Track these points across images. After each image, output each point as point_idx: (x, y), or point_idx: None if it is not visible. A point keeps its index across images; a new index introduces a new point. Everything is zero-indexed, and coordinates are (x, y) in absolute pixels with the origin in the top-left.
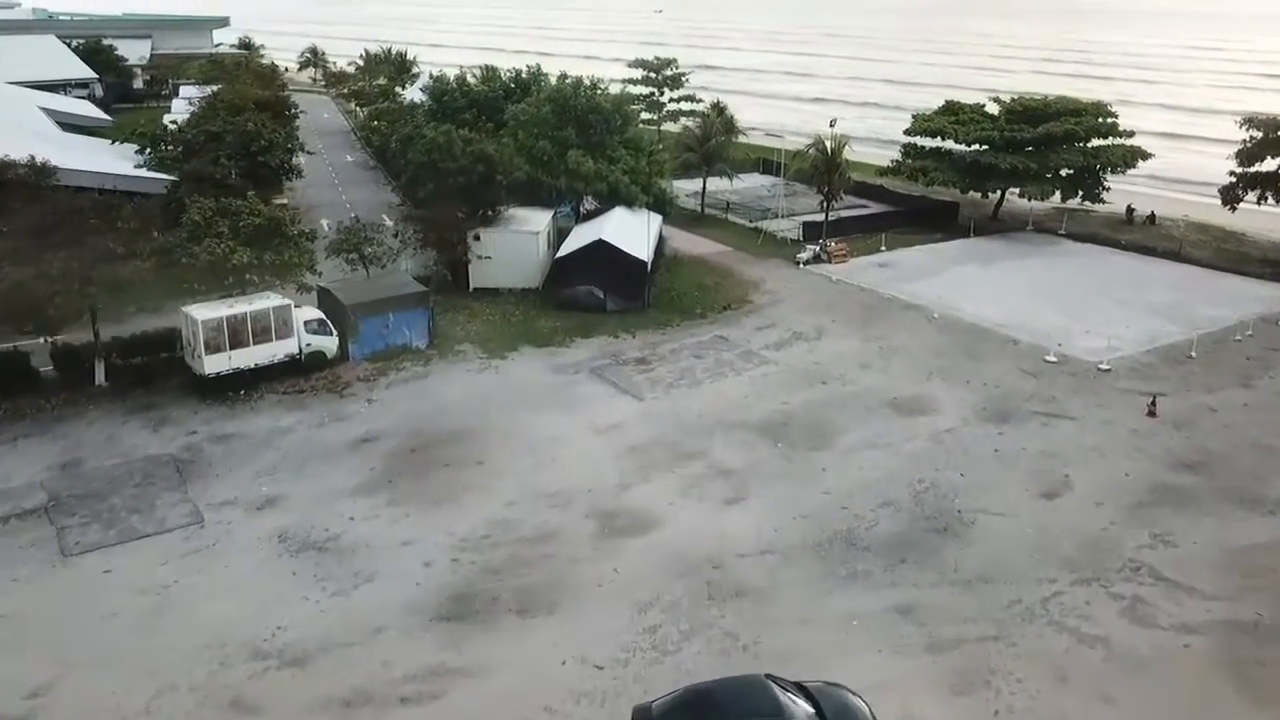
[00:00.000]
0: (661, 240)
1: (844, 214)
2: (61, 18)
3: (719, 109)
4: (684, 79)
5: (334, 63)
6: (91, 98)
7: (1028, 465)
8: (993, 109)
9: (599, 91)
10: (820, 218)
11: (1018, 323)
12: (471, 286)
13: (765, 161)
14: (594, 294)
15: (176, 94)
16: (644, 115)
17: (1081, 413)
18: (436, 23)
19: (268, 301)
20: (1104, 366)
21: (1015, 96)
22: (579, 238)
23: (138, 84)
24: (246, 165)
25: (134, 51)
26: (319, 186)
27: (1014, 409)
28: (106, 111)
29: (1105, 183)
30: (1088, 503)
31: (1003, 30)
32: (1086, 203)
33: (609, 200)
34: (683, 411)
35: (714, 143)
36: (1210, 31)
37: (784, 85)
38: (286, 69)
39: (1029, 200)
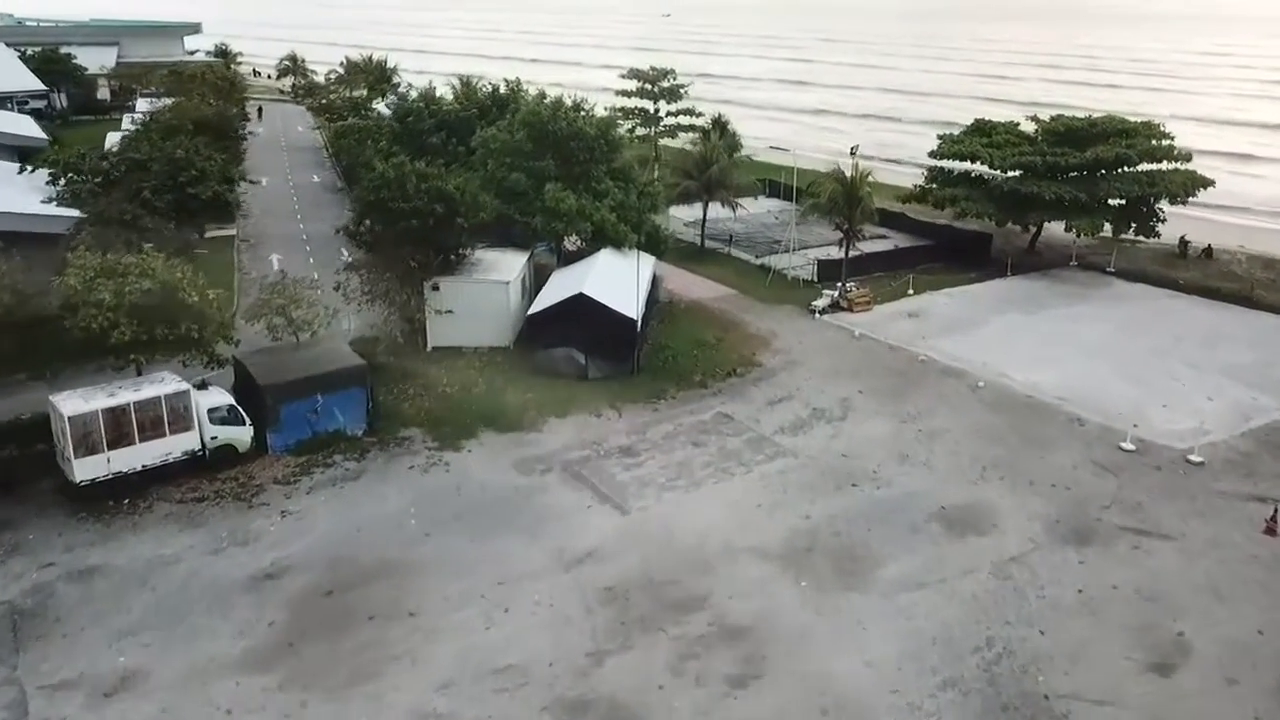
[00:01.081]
0: (656, 285)
1: (863, 248)
2: (29, 23)
3: (720, 125)
4: (682, 90)
5: (314, 70)
6: (49, 110)
7: (1125, 616)
8: (1027, 127)
9: (582, 114)
10: (837, 254)
11: (1079, 394)
12: (430, 345)
13: (771, 183)
14: (574, 358)
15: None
16: (639, 130)
17: (1180, 528)
18: (431, 28)
19: (160, 387)
20: (1195, 458)
21: (1055, 115)
22: (557, 289)
23: (103, 94)
24: (175, 198)
25: (97, 59)
26: (276, 215)
27: (1094, 524)
28: (65, 124)
29: (1161, 214)
30: (1215, 680)
31: (1004, 34)
32: (1140, 235)
33: (594, 241)
34: (678, 530)
35: (716, 169)
36: (1213, 35)
37: (782, 95)
38: (269, 75)
39: (1076, 236)
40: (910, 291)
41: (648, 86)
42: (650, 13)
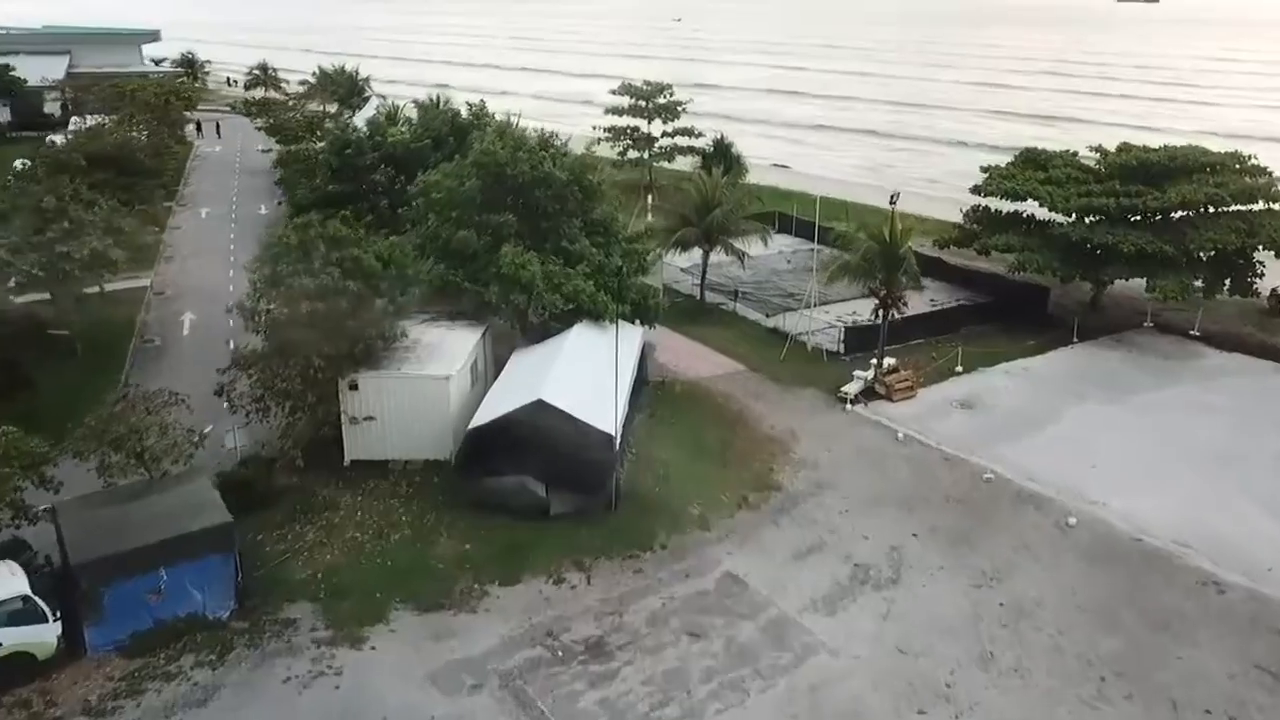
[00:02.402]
0: (644, 360)
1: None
2: None
3: (723, 148)
4: (681, 108)
5: (286, 81)
6: None
7: None
8: (1083, 152)
9: (551, 152)
10: (866, 316)
11: (1206, 535)
12: (349, 459)
13: (781, 217)
14: (529, 489)
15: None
16: (631, 153)
17: None
18: (419, 32)
19: None
20: None
21: (1122, 144)
22: (509, 389)
23: (50, 108)
24: (42, 259)
25: (44, 70)
26: (206, 256)
27: None
28: (4, 139)
29: (1261, 267)
30: None
31: (1008, 40)
32: (1235, 294)
33: (566, 314)
34: None
35: (719, 214)
36: (1219, 40)
37: (777, 106)
38: (237, 83)
39: (1163, 299)
40: (959, 368)
41: (641, 103)
42: (659, 17)
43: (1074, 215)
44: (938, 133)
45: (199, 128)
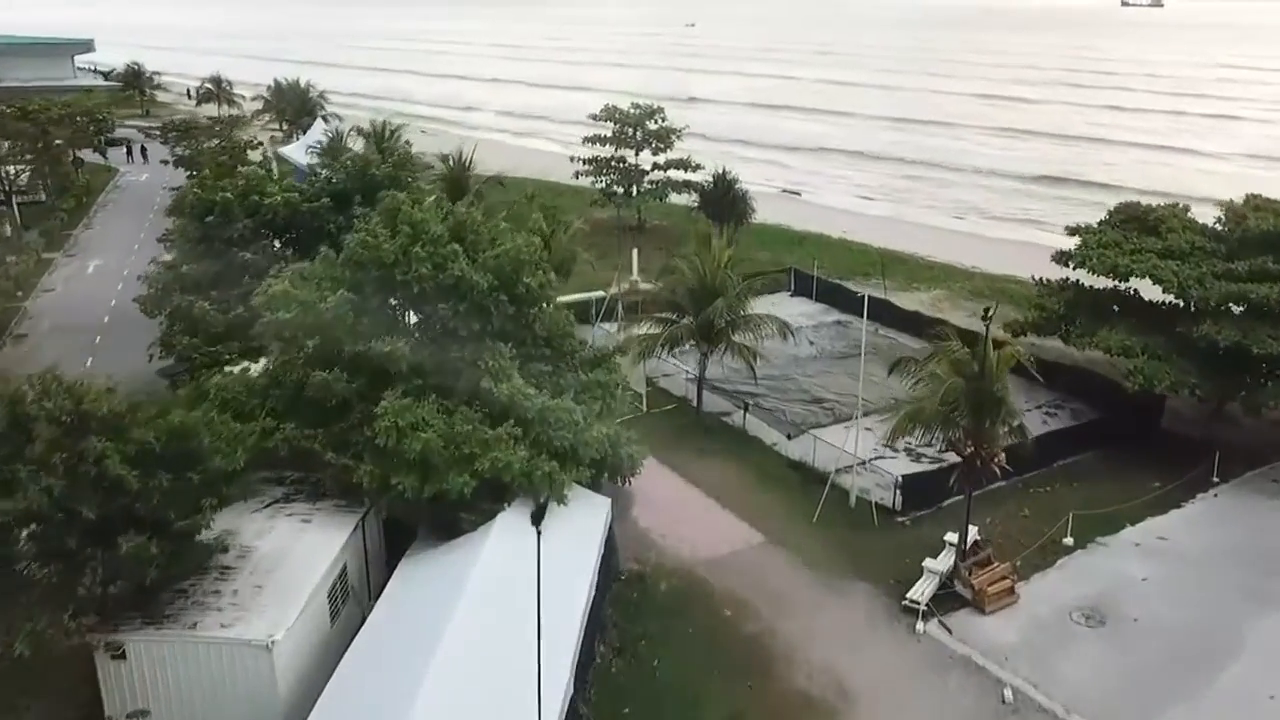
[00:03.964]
0: (609, 547)
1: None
2: None
3: (725, 184)
4: (674, 135)
5: (242, 96)
6: None
7: None
8: (1196, 208)
9: (470, 240)
10: (926, 444)
11: None
12: None
13: (798, 275)
14: None
15: None
16: (617, 189)
17: None
18: (413, 39)
19: None
20: None
21: (1253, 198)
22: (360, 690)
23: None
24: None
25: None
26: (72, 331)
27: None
28: None
29: None
30: None
31: (1012, 46)
32: None
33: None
34: None
35: (722, 305)
36: (1227, 45)
37: (777, 123)
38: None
39: None
40: (1068, 539)
41: (627, 131)
42: (673, 23)
43: (1210, 303)
44: (951, 154)
45: (129, 151)
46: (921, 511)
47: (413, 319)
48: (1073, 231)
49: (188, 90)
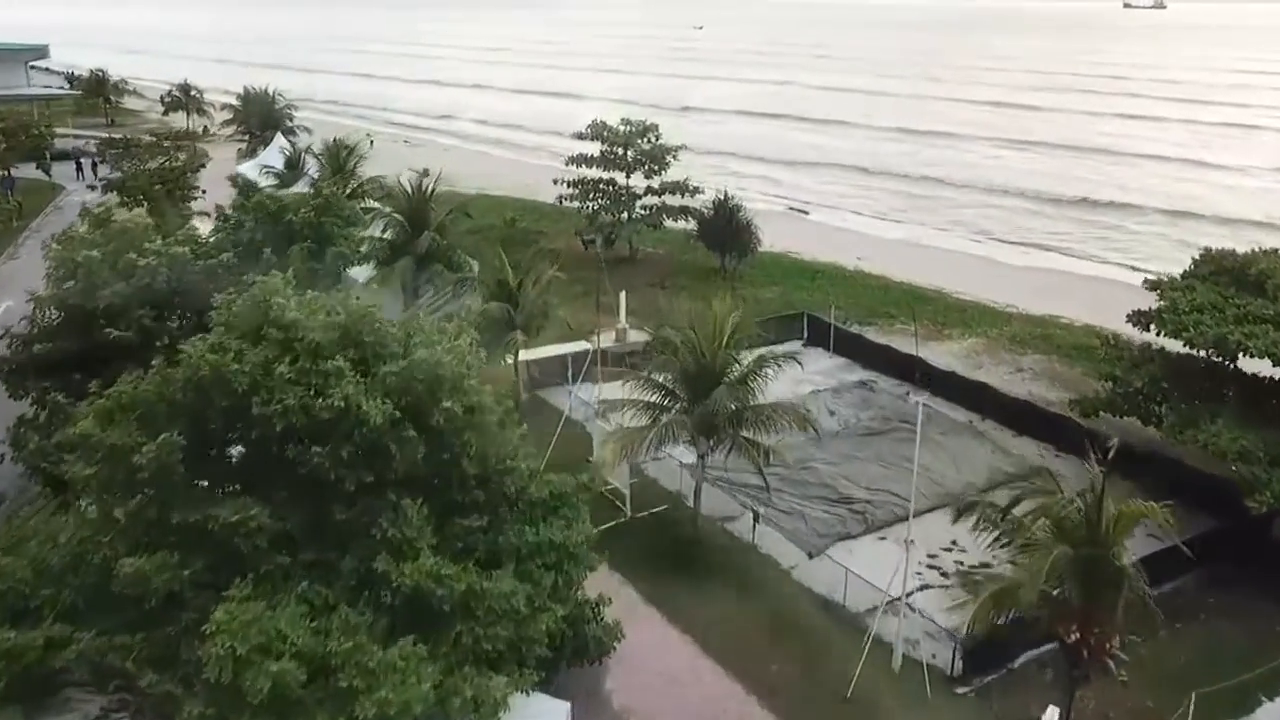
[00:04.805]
0: None
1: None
2: None
3: (729, 214)
4: (671, 156)
5: (211, 105)
6: None
7: None
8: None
9: (382, 339)
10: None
11: None
12: None
13: (811, 321)
14: None
15: None
16: (605, 217)
17: None
18: (414, 42)
19: None
20: None
21: None
22: None
23: None
24: None
25: None
26: None
27: None
28: None
29: None
30: None
31: (1016, 49)
32: None
33: None
34: None
35: (725, 392)
36: (1232, 48)
37: (769, 132)
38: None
39: None
40: None
41: (617, 151)
42: (681, 26)
43: None
44: (960, 169)
45: (79, 166)
46: (988, 675)
47: (277, 468)
48: (1153, 287)
49: (161, 97)
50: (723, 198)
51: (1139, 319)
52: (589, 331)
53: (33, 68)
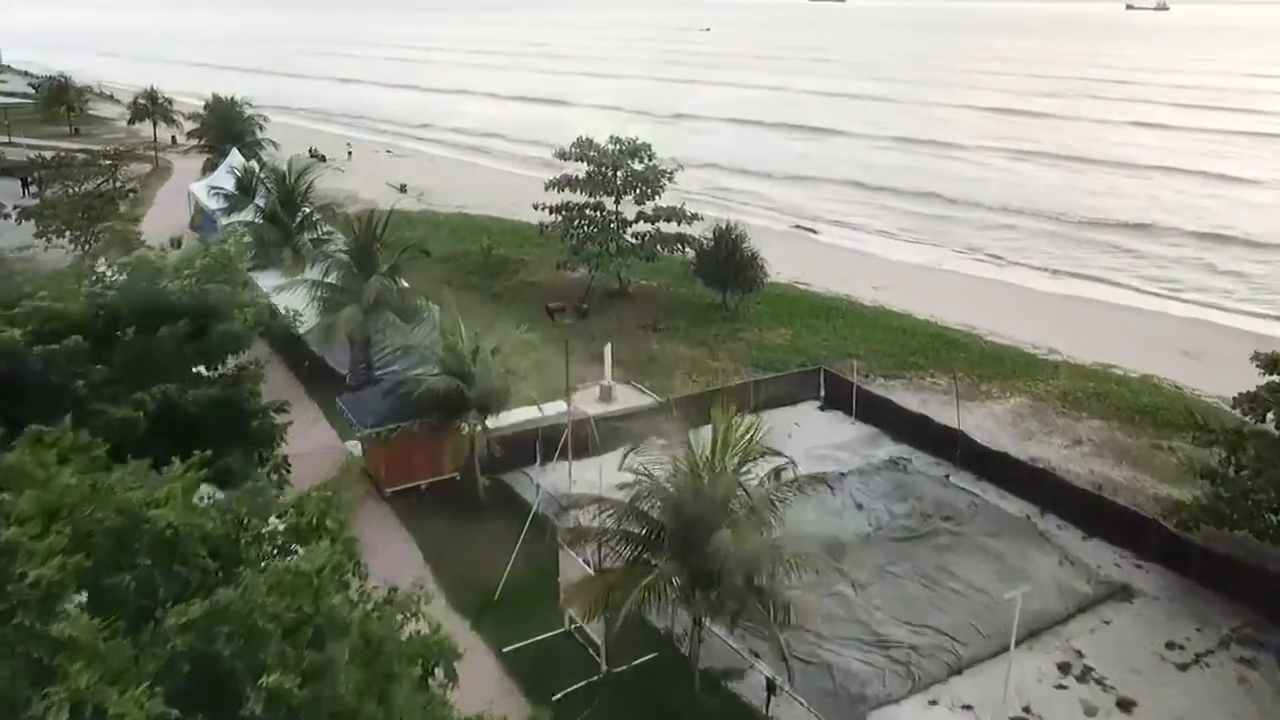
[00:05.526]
0: None
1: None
2: None
3: (730, 244)
4: (666, 178)
5: (178, 113)
6: None
7: None
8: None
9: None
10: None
11: None
12: None
13: (828, 378)
14: None
15: None
16: (590, 248)
17: None
18: (409, 45)
19: None
20: None
21: None
22: None
23: None
24: None
25: None
26: None
27: None
28: None
29: None
30: None
31: (1020, 52)
32: None
33: None
34: None
35: (728, 543)
36: (1241, 50)
37: (767, 140)
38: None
39: None
40: None
41: (604, 173)
42: (689, 27)
43: None
44: (971, 183)
45: (25, 183)
46: None
47: None
48: (1269, 366)
49: (128, 105)
50: (724, 227)
51: (1249, 404)
52: (570, 390)
53: None
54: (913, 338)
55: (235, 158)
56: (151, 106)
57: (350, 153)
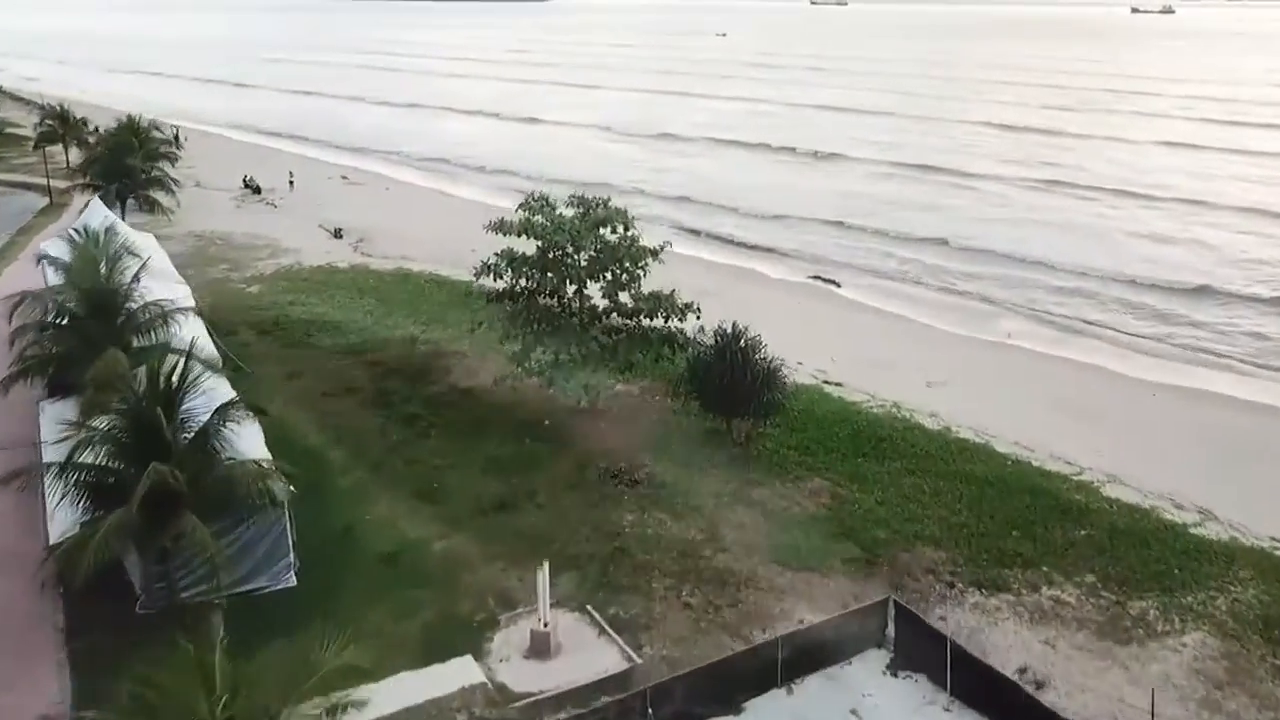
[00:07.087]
0: None
1: None
2: None
3: (741, 358)
4: (648, 259)
5: (92, 132)
6: None
7: None
8: None
9: None
10: None
11: None
12: None
13: (902, 613)
14: None
15: None
16: (544, 348)
17: None
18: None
19: None
20: None
21: None
22: None
23: None
24: None
25: None
26: None
27: None
28: None
29: None
30: None
31: (1027, 58)
32: None
33: None
34: None
35: None
36: (1255, 57)
37: (764, 166)
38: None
39: None
40: None
41: (564, 250)
42: (705, 32)
43: None
44: (1002, 226)
45: None
46: None
47: None
48: None
49: (34, 125)
50: (730, 332)
51: None
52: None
53: None
54: (1005, 496)
55: (93, 209)
56: (62, 128)
57: (292, 182)
